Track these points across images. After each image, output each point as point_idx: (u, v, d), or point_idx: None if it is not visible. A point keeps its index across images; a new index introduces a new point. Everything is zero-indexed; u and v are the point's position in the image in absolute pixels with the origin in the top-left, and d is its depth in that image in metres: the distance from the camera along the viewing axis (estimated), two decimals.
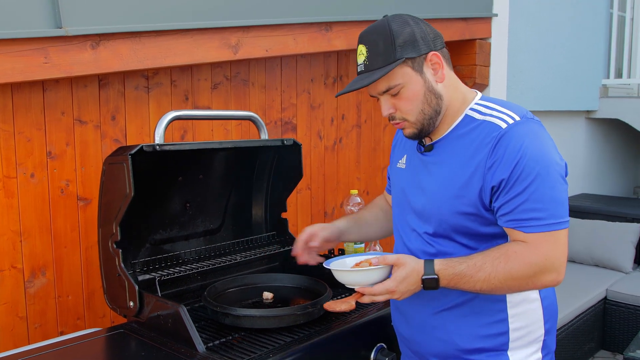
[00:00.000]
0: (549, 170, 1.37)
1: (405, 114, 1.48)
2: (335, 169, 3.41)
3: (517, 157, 1.36)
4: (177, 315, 1.50)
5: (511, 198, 1.38)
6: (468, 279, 1.39)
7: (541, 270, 1.38)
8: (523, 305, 1.50)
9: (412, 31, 1.43)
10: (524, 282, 1.40)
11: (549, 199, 1.37)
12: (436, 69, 1.46)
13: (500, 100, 1.52)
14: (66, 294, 2.24)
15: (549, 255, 1.37)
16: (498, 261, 1.39)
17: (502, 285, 1.39)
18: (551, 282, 1.40)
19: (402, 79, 1.44)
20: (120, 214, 1.63)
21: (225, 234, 2.12)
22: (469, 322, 1.50)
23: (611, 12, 5.38)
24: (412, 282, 1.43)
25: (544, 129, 1.44)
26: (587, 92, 5.16)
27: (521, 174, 1.36)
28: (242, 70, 2.83)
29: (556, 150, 1.43)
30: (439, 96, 1.48)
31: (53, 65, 1.96)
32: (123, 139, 2.38)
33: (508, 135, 1.39)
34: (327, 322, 1.69)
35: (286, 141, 2.01)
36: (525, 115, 1.44)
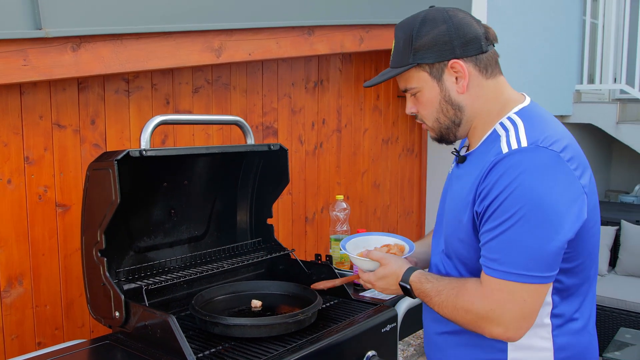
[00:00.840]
0: (534, 212, 1.18)
1: (423, 117, 1.44)
2: (316, 173, 3.39)
3: (501, 187, 1.21)
4: (166, 326, 1.46)
5: (485, 231, 1.26)
6: (429, 299, 1.41)
7: (484, 318, 1.26)
8: (527, 352, 1.34)
9: (436, 34, 1.33)
10: (472, 322, 1.30)
11: (519, 246, 1.20)
12: (459, 78, 1.35)
13: (536, 117, 1.34)
14: (44, 304, 2.17)
15: (496, 306, 1.23)
16: (453, 292, 1.33)
17: (454, 316, 1.33)
18: (498, 336, 1.26)
19: (418, 83, 1.38)
20: (105, 221, 1.58)
21: (210, 240, 2.08)
22: (466, 353, 1.42)
23: (584, 19, 5.48)
24: (391, 283, 1.52)
25: (557, 161, 1.22)
26: (561, 97, 5.25)
27: (499, 207, 1.21)
28: (223, 74, 2.79)
29: (566, 189, 1.21)
30: (457, 107, 1.37)
31: (32, 67, 1.90)
32: (103, 143, 2.32)
33: (503, 162, 1.24)
34: (318, 330, 1.66)
35: (273, 146, 1.98)
36: (538, 141, 1.24)
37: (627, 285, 4.01)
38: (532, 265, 1.20)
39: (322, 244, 3.47)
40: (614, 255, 4.38)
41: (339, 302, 1.92)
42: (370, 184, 3.84)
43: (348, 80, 3.56)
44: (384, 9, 3.22)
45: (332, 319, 1.76)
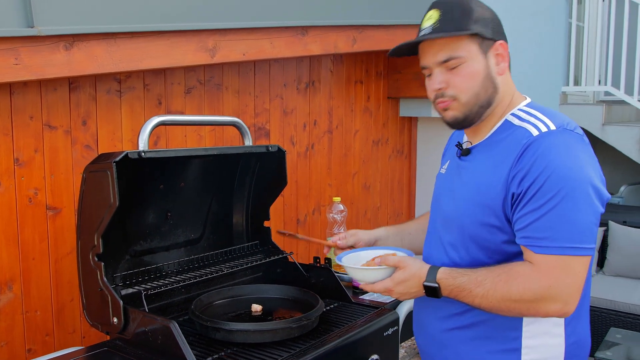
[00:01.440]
0: (575, 189, 1.23)
1: (459, 91, 1.39)
2: (307, 175, 3.36)
3: (540, 168, 1.26)
4: (168, 332, 1.42)
5: (527, 212, 1.28)
6: (467, 292, 1.34)
7: (543, 297, 1.26)
8: (541, 338, 1.38)
9: (491, 14, 1.40)
10: (525, 307, 1.29)
11: (568, 220, 1.24)
12: (499, 60, 1.40)
13: (546, 109, 1.42)
14: (34, 309, 2.11)
15: (555, 282, 1.25)
16: (499, 279, 1.31)
17: (501, 305, 1.31)
18: (556, 313, 1.28)
19: (468, 52, 1.37)
20: (102, 225, 1.54)
21: (206, 243, 2.05)
22: (480, 345, 1.43)
23: (570, 22, 5.53)
24: (412, 286, 1.42)
25: (584, 143, 1.32)
26: (548, 99, 5.29)
27: (542, 187, 1.25)
28: (215, 75, 2.75)
29: (594, 168, 1.30)
30: (495, 87, 1.40)
31: (24, 66, 1.85)
32: (94, 144, 2.27)
33: (537, 144, 1.29)
34: (321, 334, 1.64)
35: (271, 147, 1.95)
36: (564, 125, 1.32)
37: (615, 286, 4.05)
38: (582, 237, 1.25)
39: (314, 246, 3.44)
40: (602, 256, 4.41)
41: (339, 305, 1.89)
42: (360, 186, 3.82)
43: (339, 82, 3.54)
44: (376, 10, 3.21)
45: (333, 323, 1.73)
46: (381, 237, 1.82)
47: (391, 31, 3.34)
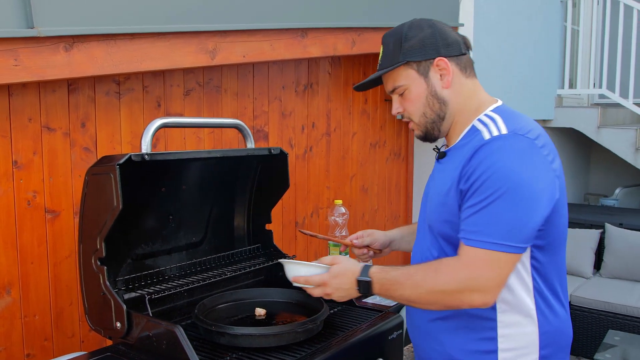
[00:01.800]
0: (513, 190, 1.30)
1: (410, 114, 1.54)
2: (305, 177, 3.35)
3: (483, 168, 1.34)
4: (173, 336, 1.40)
5: (467, 207, 1.37)
6: (398, 286, 1.42)
7: (466, 288, 1.34)
8: (514, 328, 1.44)
9: (423, 36, 1.47)
10: (449, 297, 1.36)
11: (499, 218, 1.31)
12: (443, 75, 1.48)
13: (510, 113, 1.46)
14: (33, 314, 2.08)
15: (478, 274, 1.33)
16: (429, 271, 1.40)
17: (429, 296, 1.38)
18: (479, 304, 1.35)
19: (406, 80, 1.49)
20: (105, 228, 1.52)
21: (208, 247, 2.03)
22: (460, 335, 1.48)
23: (565, 25, 5.55)
24: (346, 281, 1.49)
25: (533, 147, 1.36)
26: (543, 101, 5.30)
27: (481, 185, 1.33)
28: (214, 77, 2.73)
29: (541, 171, 1.36)
30: (442, 101, 1.49)
31: (24, 67, 1.83)
32: (93, 147, 2.25)
33: (485, 147, 1.36)
34: (326, 338, 1.62)
35: (273, 150, 1.94)
36: (515, 130, 1.37)
37: (612, 288, 4.05)
38: (510, 236, 1.31)
39: (312, 248, 3.43)
40: (599, 258, 4.42)
41: (343, 308, 1.88)
42: (358, 188, 3.81)
43: (337, 84, 3.53)
44: (375, 12, 3.20)
45: (338, 327, 1.72)
46: (396, 238, 1.88)
47: None
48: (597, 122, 5.22)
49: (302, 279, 1.56)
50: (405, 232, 1.90)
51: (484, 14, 4.10)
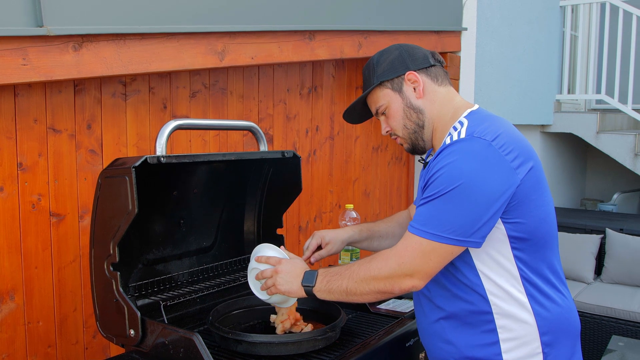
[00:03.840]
0: (458, 190, 1.38)
1: (394, 130, 1.64)
2: (309, 181, 3.31)
3: (437, 169, 1.42)
4: (191, 344, 1.36)
5: (420, 199, 1.48)
6: (338, 276, 1.49)
7: (396, 272, 1.42)
8: (510, 318, 1.50)
9: (392, 58, 1.60)
10: (384, 284, 1.43)
11: (439, 213, 1.40)
12: (416, 87, 1.58)
13: (480, 117, 1.52)
14: (36, 320, 2.03)
15: (406, 260, 1.41)
16: (364, 261, 1.48)
17: (365, 286, 1.45)
18: (408, 287, 1.43)
19: (384, 99, 1.61)
20: (119, 233, 1.47)
21: (218, 251, 1.98)
22: (464, 331, 1.53)
23: (563, 31, 5.55)
24: (296, 270, 1.57)
25: (488, 148, 1.41)
26: (542, 106, 5.29)
27: (432, 183, 1.42)
28: (220, 79, 2.69)
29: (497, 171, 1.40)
30: (419, 110, 1.60)
31: (32, 67, 1.78)
32: (99, 149, 2.20)
33: (445, 151, 1.44)
34: (345, 346, 1.59)
35: (286, 153, 1.90)
36: (473, 133, 1.44)
37: (614, 294, 4.04)
38: (445, 228, 1.39)
39: None
40: (600, 263, 4.41)
41: (358, 315, 1.85)
42: (360, 192, 3.78)
43: (341, 87, 3.50)
44: (382, 15, 3.18)
45: (356, 334, 1.68)
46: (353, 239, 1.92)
47: (394, 37, 3.31)
48: (596, 128, 5.23)
49: (263, 258, 1.64)
50: (364, 235, 1.94)
51: (486, 18, 4.09)
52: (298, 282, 1.54)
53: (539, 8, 5.05)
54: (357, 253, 2.18)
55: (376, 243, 1.93)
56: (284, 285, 1.56)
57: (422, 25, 3.49)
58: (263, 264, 1.62)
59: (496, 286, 1.48)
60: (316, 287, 1.52)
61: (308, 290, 1.53)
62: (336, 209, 3.55)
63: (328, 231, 1.89)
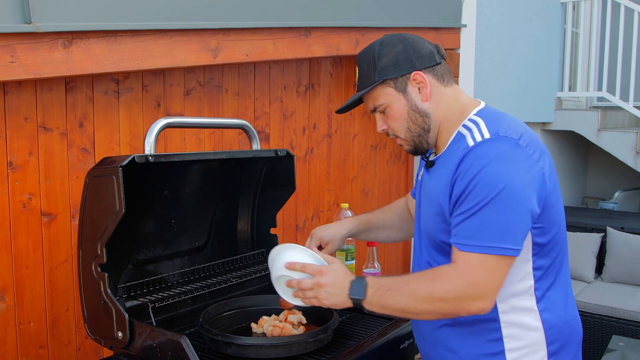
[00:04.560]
0: (502, 195, 1.30)
1: (395, 131, 1.53)
2: (306, 180, 3.28)
3: (472, 175, 1.34)
4: (179, 347, 1.33)
5: (458, 214, 1.36)
6: (393, 292, 1.38)
7: (465, 295, 1.33)
8: (518, 327, 1.45)
9: (396, 53, 1.46)
10: (447, 305, 1.35)
11: (491, 224, 1.31)
12: (421, 88, 1.47)
13: (493, 114, 1.46)
14: (27, 320, 2.01)
15: (476, 280, 1.32)
16: (424, 279, 1.38)
17: (428, 305, 1.35)
18: (477, 310, 1.34)
19: (385, 98, 1.49)
20: (107, 233, 1.45)
21: (211, 252, 1.96)
22: (468, 340, 1.48)
23: (564, 27, 5.51)
24: (342, 279, 1.42)
25: (517, 147, 1.36)
26: (543, 104, 5.26)
27: (471, 192, 1.33)
28: (215, 76, 2.66)
29: (528, 170, 1.35)
30: (424, 114, 1.49)
31: (21, 64, 1.75)
32: (91, 147, 2.17)
33: (471, 154, 1.36)
34: (338, 348, 1.56)
35: (280, 152, 1.87)
36: (498, 132, 1.38)
37: (614, 293, 4.01)
38: (503, 238, 1.31)
39: None
40: (600, 262, 4.37)
41: (352, 317, 1.82)
42: (359, 191, 3.75)
43: (338, 84, 3.47)
44: (379, 12, 3.14)
45: (349, 336, 1.66)
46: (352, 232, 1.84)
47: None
48: (597, 125, 5.20)
49: (299, 265, 1.46)
50: (362, 228, 1.86)
51: (486, 15, 4.05)
52: (344, 295, 1.40)
53: (539, 4, 5.01)
54: (352, 253, 2.15)
55: (374, 234, 1.87)
56: (328, 300, 1.42)
57: (421, 21, 3.46)
58: (297, 271, 1.45)
59: (507, 293, 1.42)
60: (367, 301, 1.39)
61: (357, 303, 1.40)
62: (334, 208, 3.52)
63: (326, 229, 1.79)
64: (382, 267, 2.78)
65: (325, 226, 1.81)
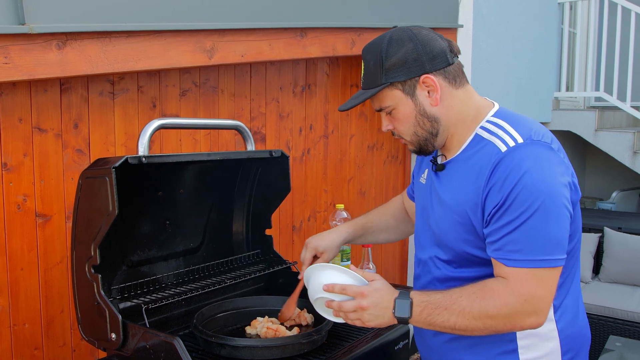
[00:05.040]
0: (546, 203, 1.25)
1: (401, 132, 1.46)
2: (303, 181, 3.28)
3: (512, 184, 1.27)
4: (172, 349, 1.33)
5: (500, 227, 1.29)
6: (442, 310, 1.31)
7: (519, 312, 1.28)
8: (535, 337, 1.40)
9: (405, 53, 1.36)
10: (501, 322, 1.29)
11: (539, 234, 1.26)
12: (431, 92, 1.38)
13: (514, 116, 1.40)
14: (22, 322, 2.00)
15: (530, 296, 1.27)
16: (475, 296, 1.30)
17: (479, 323, 1.29)
18: (530, 325, 1.30)
19: (392, 101, 1.41)
20: (100, 234, 1.44)
21: (206, 253, 1.96)
22: (479, 351, 1.43)
23: (562, 28, 5.52)
24: (386, 298, 1.35)
25: (551, 151, 1.32)
26: (541, 104, 5.27)
27: (514, 202, 1.27)
28: (211, 77, 2.66)
29: (564, 174, 1.31)
30: (433, 119, 1.41)
31: (14, 66, 1.75)
32: (86, 149, 2.17)
33: (506, 160, 1.29)
34: (332, 350, 1.56)
35: (274, 152, 1.87)
36: (531, 136, 1.32)
37: (612, 293, 4.01)
38: (553, 249, 1.27)
39: None
40: (598, 262, 4.37)
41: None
42: (356, 192, 3.75)
43: (335, 85, 3.46)
44: (375, 12, 3.14)
45: (343, 338, 1.65)
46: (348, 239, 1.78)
47: None
48: (594, 125, 5.20)
49: (338, 287, 1.37)
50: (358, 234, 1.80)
51: (483, 15, 4.05)
52: (389, 314, 1.34)
53: (536, 5, 5.02)
54: (348, 254, 2.15)
55: (370, 238, 1.84)
56: (372, 321, 1.35)
57: (417, 22, 3.46)
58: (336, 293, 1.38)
59: None
60: (413, 319, 1.33)
61: (402, 321, 1.34)
62: (330, 209, 3.51)
63: (321, 238, 1.72)
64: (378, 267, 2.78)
65: (320, 235, 1.75)
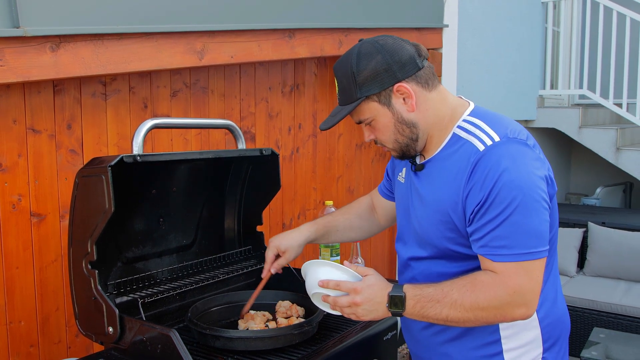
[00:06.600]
0: (526, 198, 1.30)
1: (382, 141, 1.50)
2: (292, 179, 3.33)
3: (492, 182, 1.32)
4: (168, 341, 1.38)
5: (483, 224, 1.34)
6: (434, 303, 1.35)
7: (508, 303, 1.32)
8: (516, 327, 1.45)
9: (375, 65, 1.39)
10: (492, 314, 1.34)
11: (522, 229, 1.31)
12: (406, 99, 1.43)
13: (490, 115, 1.45)
14: (18, 320, 2.04)
15: (518, 287, 1.32)
16: (465, 289, 1.34)
17: (470, 314, 1.34)
18: (520, 316, 1.35)
19: (370, 113, 1.45)
20: (97, 231, 1.49)
21: (198, 249, 2.00)
22: (465, 342, 1.48)
23: (545, 27, 5.61)
24: (378, 294, 1.39)
25: (527, 148, 1.37)
26: (526, 102, 5.35)
27: (495, 200, 1.31)
28: (201, 78, 2.71)
29: (540, 168, 1.36)
30: (412, 125, 1.45)
31: (9, 68, 1.79)
32: (79, 149, 2.21)
33: (485, 159, 1.34)
34: (322, 340, 1.61)
35: (264, 151, 1.92)
36: (507, 134, 1.37)
37: (596, 286, 4.10)
38: (537, 242, 1.32)
39: (309, 251, 3.40)
40: (582, 257, 4.47)
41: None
42: (344, 190, 3.80)
43: (323, 85, 3.52)
44: (362, 13, 3.20)
45: (333, 329, 1.71)
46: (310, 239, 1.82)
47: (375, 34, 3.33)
48: (578, 122, 5.29)
49: (332, 283, 1.42)
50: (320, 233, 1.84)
51: (468, 15, 4.12)
52: (383, 308, 1.39)
53: (521, 4, 5.10)
54: (337, 249, 2.20)
55: (334, 237, 1.87)
56: (367, 316, 1.40)
57: (403, 22, 3.52)
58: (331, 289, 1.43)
59: None
60: (407, 312, 1.37)
61: (396, 315, 1.40)
62: (320, 206, 3.57)
63: (282, 238, 1.77)
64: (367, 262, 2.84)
65: (282, 234, 1.79)
